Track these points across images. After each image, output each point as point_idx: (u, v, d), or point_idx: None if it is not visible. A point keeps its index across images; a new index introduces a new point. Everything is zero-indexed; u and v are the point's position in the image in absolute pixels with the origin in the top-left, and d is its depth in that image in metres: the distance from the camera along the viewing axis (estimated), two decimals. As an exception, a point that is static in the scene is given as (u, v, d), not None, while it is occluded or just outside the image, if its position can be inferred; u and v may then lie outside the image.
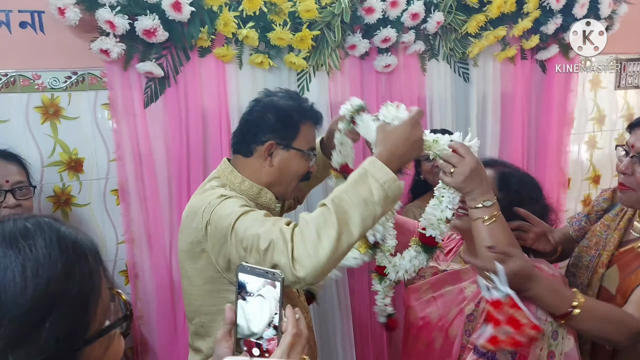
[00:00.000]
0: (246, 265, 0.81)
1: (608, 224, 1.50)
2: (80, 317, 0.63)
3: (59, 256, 0.62)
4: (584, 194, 2.97)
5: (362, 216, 1.13)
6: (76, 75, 1.94)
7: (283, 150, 1.44)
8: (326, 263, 1.11)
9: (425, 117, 2.42)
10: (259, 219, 1.23)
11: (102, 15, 1.76)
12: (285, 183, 1.48)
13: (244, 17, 1.98)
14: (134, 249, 2.06)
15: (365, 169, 1.16)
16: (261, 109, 1.47)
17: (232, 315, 0.82)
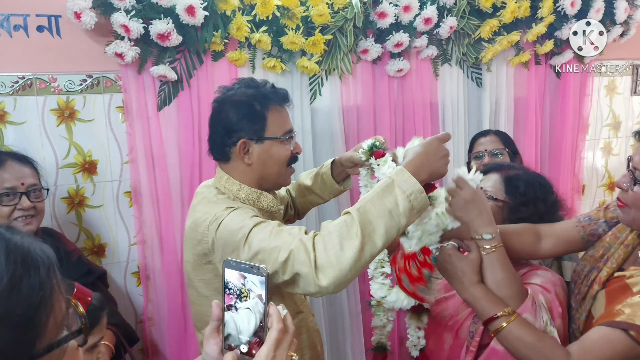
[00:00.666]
0: (231, 260, 0.81)
1: (619, 236, 1.36)
2: (27, 332, 0.59)
3: (4, 269, 0.59)
4: (599, 200, 2.93)
5: (387, 227, 1.12)
6: (91, 79, 1.97)
7: (257, 144, 1.39)
8: (349, 272, 1.10)
9: (437, 121, 2.42)
10: (274, 231, 1.21)
11: (117, 19, 1.79)
12: (273, 174, 1.43)
13: (256, 21, 1.99)
14: (146, 251, 2.08)
15: (392, 179, 1.15)
16: (222, 109, 1.41)
17: (219, 312, 0.81)
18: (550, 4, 2.33)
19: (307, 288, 1.14)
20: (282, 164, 1.44)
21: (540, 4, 2.33)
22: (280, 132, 1.41)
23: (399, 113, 2.34)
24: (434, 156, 1.18)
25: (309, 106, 2.21)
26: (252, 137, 1.38)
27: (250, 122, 1.38)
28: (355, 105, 2.28)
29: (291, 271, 1.14)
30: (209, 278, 1.36)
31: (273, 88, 1.44)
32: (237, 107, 1.38)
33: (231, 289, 0.81)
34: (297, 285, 1.16)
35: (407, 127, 2.35)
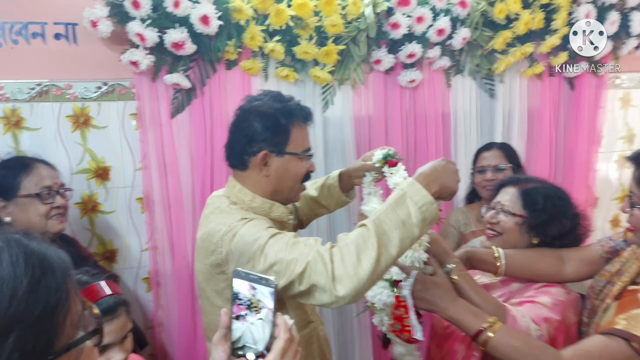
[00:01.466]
0: (241, 271, 0.83)
1: (637, 252, 1.37)
2: (46, 332, 0.63)
3: (24, 272, 0.62)
4: (613, 213, 2.90)
5: (401, 237, 1.15)
6: (106, 86, 1.99)
7: (278, 157, 1.39)
8: (366, 283, 1.13)
9: (449, 132, 2.41)
10: (290, 242, 1.22)
11: (132, 28, 1.81)
12: (287, 188, 1.44)
13: (270, 31, 2.01)
14: (157, 257, 2.10)
15: (404, 192, 1.18)
16: (246, 118, 1.41)
17: (228, 320, 0.83)
18: (565, 16, 2.32)
19: (322, 299, 1.16)
20: (297, 180, 1.44)
21: (554, 16, 2.32)
22: (300, 149, 1.42)
23: (411, 123, 2.34)
24: (443, 170, 1.22)
25: (321, 115, 2.22)
26: (273, 150, 1.38)
27: (274, 135, 1.38)
28: (367, 115, 2.28)
29: (308, 282, 1.16)
30: (222, 288, 1.37)
31: (299, 105, 1.45)
32: (263, 118, 1.38)
33: (241, 300, 0.83)
34: (313, 296, 1.18)
35: (419, 138, 2.35)
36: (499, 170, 2.06)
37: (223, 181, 2.08)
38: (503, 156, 2.10)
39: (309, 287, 1.16)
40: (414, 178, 1.21)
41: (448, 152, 2.42)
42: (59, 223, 1.72)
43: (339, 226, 2.31)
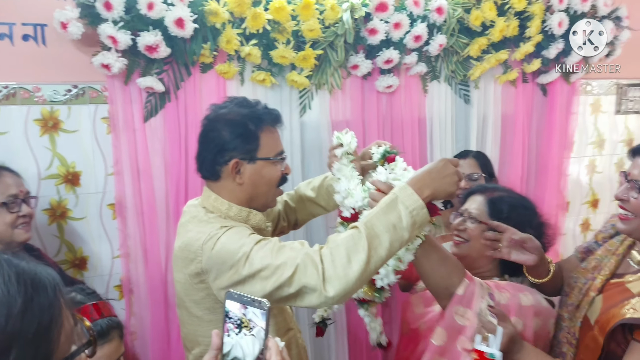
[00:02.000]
0: (234, 292, 0.83)
1: (610, 249, 1.49)
2: (43, 348, 0.65)
3: (17, 291, 0.64)
4: (583, 217, 2.96)
5: (391, 241, 1.17)
6: (76, 89, 1.93)
7: (250, 164, 1.37)
8: (354, 284, 1.16)
9: (425, 137, 2.42)
10: (276, 248, 1.23)
11: (104, 30, 1.76)
12: (263, 194, 1.42)
13: (247, 34, 1.98)
14: (129, 264, 2.05)
15: (395, 195, 1.19)
16: (214, 127, 1.38)
17: (219, 342, 0.83)
18: (538, 24, 2.36)
19: (311, 300, 1.18)
20: (273, 185, 1.43)
21: (528, 24, 2.35)
22: (272, 153, 1.41)
23: (388, 128, 2.34)
24: (438, 174, 1.22)
25: (298, 120, 2.20)
26: (244, 157, 1.37)
27: (244, 142, 1.36)
28: (344, 120, 2.27)
29: (298, 284, 1.17)
30: (201, 298, 1.34)
31: (266, 109, 1.43)
32: (230, 126, 1.36)
33: (232, 318, 0.83)
34: (302, 299, 1.19)
35: (395, 143, 2.32)
36: (472, 180, 2.08)
37: (198, 187, 2.05)
38: (477, 165, 2.12)
39: (298, 289, 1.17)
40: (407, 182, 1.22)
41: (424, 157, 2.43)
42: (25, 232, 1.68)
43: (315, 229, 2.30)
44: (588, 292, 1.40)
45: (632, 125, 2.97)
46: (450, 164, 1.24)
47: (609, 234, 1.58)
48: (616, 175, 2.99)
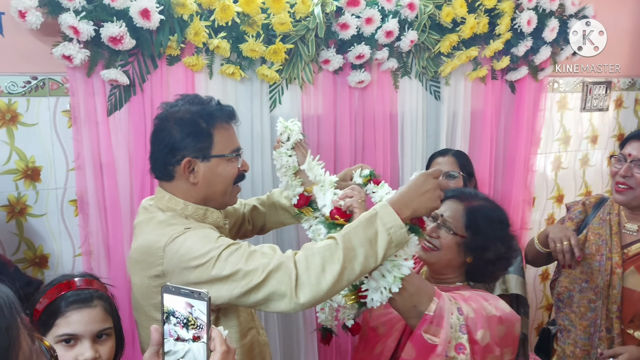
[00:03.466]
0: (170, 285, 0.82)
1: (598, 232, 1.76)
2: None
3: None
4: (548, 212, 3.02)
5: (366, 255, 1.17)
6: (36, 80, 1.85)
7: (204, 162, 1.34)
8: (325, 294, 1.16)
9: (396, 133, 2.42)
10: (247, 253, 1.21)
11: (65, 20, 1.68)
12: (219, 192, 1.39)
13: (215, 27, 1.93)
14: (92, 262, 1.98)
15: (376, 211, 1.20)
16: (164, 127, 1.35)
17: (159, 337, 0.82)
18: (508, 22, 2.37)
19: (279, 306, 1.17)
20: (229, 183, 1.40)
21: (498, 21, 2.36)
22: (227, 150, 1.38)
23: (359, 123, 2.32)
24: (417, 192, 1.22)
25: (268, 114, 2.16)
26: (197, 156, 1.33)
27: (196, 140, 1.33)
28: (315, 115, 2.25)
29: (267, 290, 1.17)
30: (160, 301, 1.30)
31: (219, 105, 1.40)
32: (181, 124, 1.33)
33: (177, 317, 0.82)
34: (270, 304, 1.19)
35: (366, 138, 2.34)
36: (450, 177, 2.07)
37: (164, 182, 2.00)
38: (456, 164, 2.11)
39: (267, 295, 1.17)
40: (389, 200, 1.22)
41: (395, 153, 2.43)
42: None
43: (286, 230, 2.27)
44: (613, 270, 1.67)
45: (597, 122, 3.04)
46: (431, 178, 1.24)
47: (580, 220, 1.86)
48: (580, 172, 3.06)
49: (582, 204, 1.90)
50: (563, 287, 1.83)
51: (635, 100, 3.12)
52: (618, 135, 3.13)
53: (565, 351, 1.84)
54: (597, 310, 1.72)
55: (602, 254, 1.72)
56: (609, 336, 1.70)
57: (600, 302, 1.71)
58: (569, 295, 1.81)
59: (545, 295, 3.13)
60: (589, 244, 1.78)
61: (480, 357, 1.26)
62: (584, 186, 3.10)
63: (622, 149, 1.71)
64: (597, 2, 2.60)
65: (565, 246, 1.61)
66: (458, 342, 1.24)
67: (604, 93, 2.99)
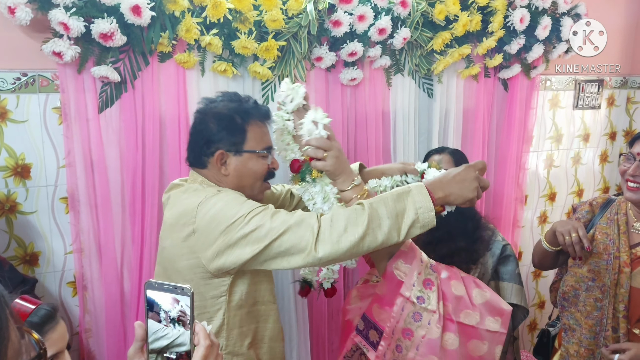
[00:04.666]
0: (153, 282, 0.82)
1: (606, 232, 1.77)
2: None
3: None
4: (540, 210, 3.03)
5: (390, 227, 1.20)
6: (26, 77, 1.84)
7: (235, 156, 1.43)
8: (343, 254, 1.21)
9: (389, 130, 2.42)
10: (272, 212, 1.27)
11: (55, 16, 1.67)
12: (248, 186, 1.46)
13: (207, 23, 1.92)
14: (83, 260, 1.97)
15: (410, 189, 1.24)
16: (203, 120, 1.45)
17: (143, 333, 0.83)
18: (501, 19, 2.37)
19: (297, 260, 1.22)
20: (259, 178, 1.47)
21: (491, 19, 2.37)
22: (259, 147, 1.45)
23: (352, 121, 2.32)
24: (455, 179, 1.25)
25: (260, 112, 2.15)
26: (230, 149, 1.42)
27: (230, 135, 1.42)
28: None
29: (287, 243, 1.22)
30: (184, 267, 1.37)
31: (255, 104, 1.48)
32: (218, 119, 1.42)
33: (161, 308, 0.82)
34: (287, 259, 1.24)
35: (359, 136, 2.34)
36: None
37: (155, 179, 1.99)
38: (452, 162, 2.07)
39: (287, 248, 1.22)
40: (426, 181, 1.27)
41: (387, 151, 2.43)
42: None
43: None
44: (621, 269, 1.68)
45: (589, 120, 3.05)
46: (473, 170, 1.26)
47: (587, 220, 1.86)
48: (572, 170, 3.07)
49: (589, 204, 1.90)
50: (569, 285, 1.81)
51: (627, 99, 3.14)
52: (610, 134, 3.15)
53: (569, 350, 1.83)
54: (603, 309, 1.71)
55: (609, 253, 1.72)
56: (614, 335, 1.69)
57: (607, 301, 1.70)
58: (575, 294, 1.79)
59: (538, 292, 3.14)
60: (596, 243, 1.78)
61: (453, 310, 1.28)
62: (576, 184, 3.11)
63: (631, 147, 1.71)
64: (589, 0, 2.61)
65: (574, 238, 1.63)
66: (427, 277, 1.26)
67: (596, 91, 3.00)
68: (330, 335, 2.44)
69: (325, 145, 1.33)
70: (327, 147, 1.32)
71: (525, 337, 3.15)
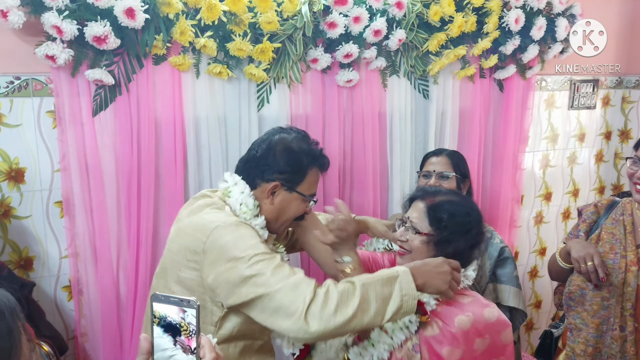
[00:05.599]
0: (160, 294, 0.82)
1: (612, 232, 1.78)
2: None
3: None
4: (536, 210, 3.03)
5: (376, 312, 1.21)
6: (19, 81, 1.82)
7: (286, 192, 1.47)
8: (329, 334, 1.20)
9: (385, 132, 2.42)
10: (277, 264, 1.27)
11: (48, 19, 1.66)
12: (282, 221, 1.52)
13: (202, 26, 1.91)
14: (78, 264, 1.96)
15: (398, 274, 1.25)
16: (272, 147, 1.47)
17: (148, 345, 0.82)
18: (496, 20, 2.37)
19: (285, 323, 1.20)
20: (292, 217, 1.52)
21: (486, 20, 2.36)
22: (308, 192, 1.50)
23: (348, 123, 2.32)
24: (434, 268, 1.29)
25: (256, 114, 2.15)
26: (285, 184, 1.46)
27: (292, 172, 1.46)
28: (304, 114, 2.23)
29: (278, 302, 1.21)
30: (185, 277, 1.37)
31: (322, 152, 1.53)
32: (287, 153, 1.46)
33: (166, 321, 0.82)
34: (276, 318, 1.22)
35: (355, 137, 2.34)
36: (443, 178, 2.02)
37: (151, 182, 1.98)
38: (450, 164, 2.05)
39: (276, 307, 1.21)
40: (410, 267, 1.28)
41: (384, 152, 2.42)
42: None
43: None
44: (628, 267, 1.68)
45: (584, 120, 3.05)
46: (447, 265, 1.30)
47: (592, 221, 1.87)
48: (568, 170, 3.07)
49: (594, 206, 1.91)
50: (575, 285, 1.80)
51: (622, 98, 3.14)
52: (605, 133, 3.15)
53: (575, 350, 1.82)
54: (610, 308, 1.71)
55: (616, 252, 1.74)
56: (622, 334, 1.70)
57: (614, 300, 1.70)
58: (582, 294, 1.79)
59: (534, 292, 3.14)
60: (602, 242, 1.79)
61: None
62: (571, 184, 3.11)
63: (637, 150, 1.73)
64: (584, 0, 2.61)
65: (590, 267, 1.63)
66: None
67: (592, 91, 3.00)
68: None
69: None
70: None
71: (522, 337, 3.16)
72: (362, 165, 2.35)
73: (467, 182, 2.08)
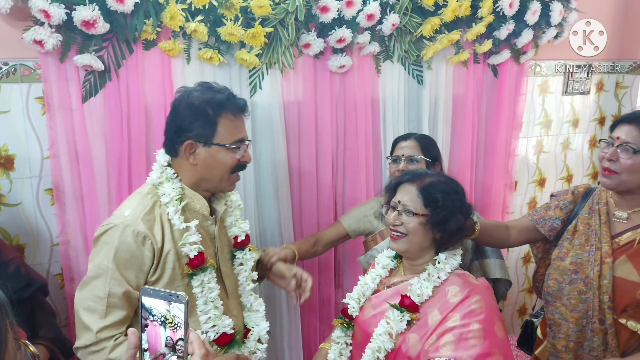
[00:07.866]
0: (148, 288, 0.83)
1: (588, 223, 1.75)
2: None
3: None
4: (530, 196, 3.04)
5: None
6: (7, 66, 1.79)
7: (204, 147, 1.45)
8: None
9: (378, 118, 2.40)
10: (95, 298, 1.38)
11: (35, 3, 1.63)
12: (216, 177, 1.49)
13: (192, 10, 1.88)
14: (70, 251, 1.95)
15: None
16: (176, 108, 1.47)
17: (136, 340, 0.82)
18: (490, 5, 2.35)
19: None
20: (226, 170, 1.48)
21: (480, 4, 2.34)
22: (229, 140, 1.46)
23: (341, 109, 2.30)
24: None
25: (248, 100, 2.12)
26: (199, 140, 1.44)
27: (201, 126, 1.43)
28: (296, 100, 2.22)
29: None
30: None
31: (230, 96, 1.48)
32: (190, 109, 1.44)
33: (155, 316, 0.82)
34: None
35: (348, 123, 2.32)
36: (412, 162, 1.99)
37: (142, 169, 1.96)
38: (418, 147, 2.02)
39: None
40: None
41: (377, 139, 2.41)
42: None
43: (268, 212, 2.26)
44: (603, 260, 1.65)
45: (578, 105, 3.05)
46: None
47: (569, 210, 1.84)
48: (562, 155, 3.07)
49: (571, 193, 1.86)
50: (553, 279, 1.77)
51: (615, 84, 3.14)
52: (599, 119, 3.15)
53: (556, 346, 1.78)
54: (588, 302, 1.67)
55: (591, 244, 1.70)
56: (602, 327, 1.66)
57: (591, 293, 1.66)
58: (559, 288, 1.75)
59: (527, 277, 3.16)
60: (578, 234, 1.75)
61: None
62: (565, 170, 3.12)
63: (612, 131, 1.67)
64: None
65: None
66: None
67: (585, 76, 3.00)
68: (322, 325, 2.44)
69: None
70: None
71: (515, 321, 3.18)
72: (354, 152, 2.34)
73: (437, 166, 2.04)
